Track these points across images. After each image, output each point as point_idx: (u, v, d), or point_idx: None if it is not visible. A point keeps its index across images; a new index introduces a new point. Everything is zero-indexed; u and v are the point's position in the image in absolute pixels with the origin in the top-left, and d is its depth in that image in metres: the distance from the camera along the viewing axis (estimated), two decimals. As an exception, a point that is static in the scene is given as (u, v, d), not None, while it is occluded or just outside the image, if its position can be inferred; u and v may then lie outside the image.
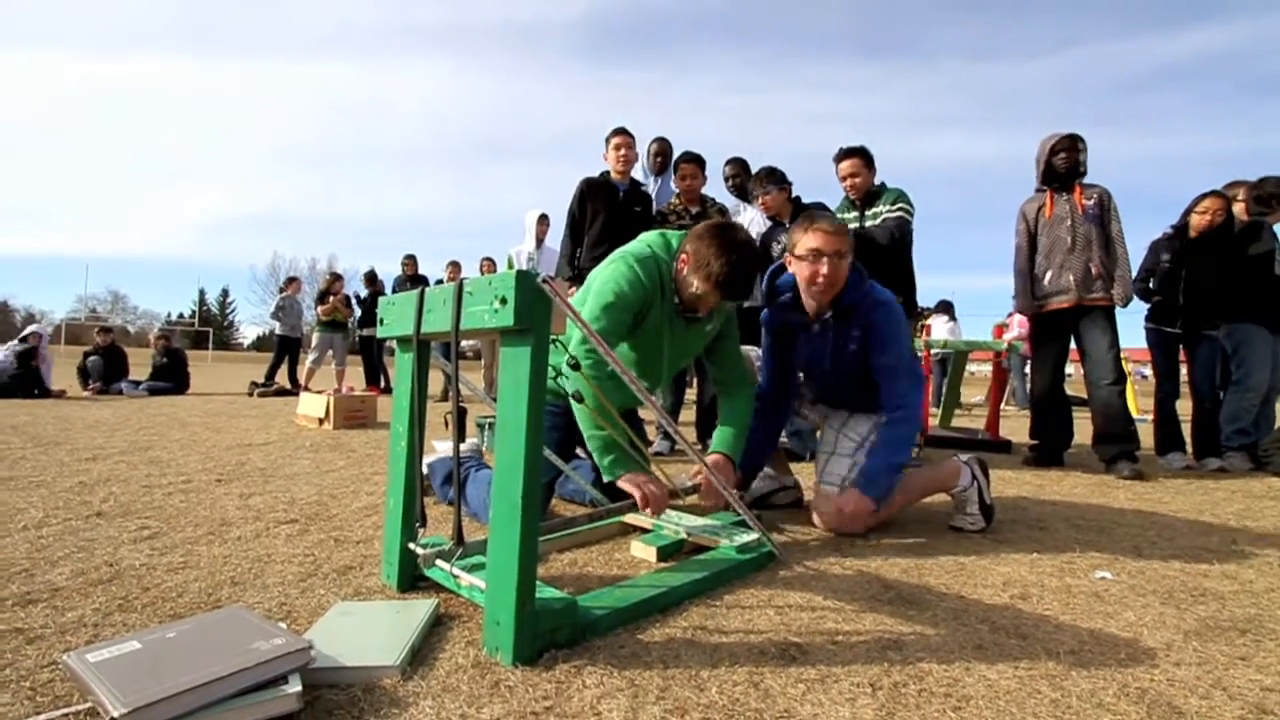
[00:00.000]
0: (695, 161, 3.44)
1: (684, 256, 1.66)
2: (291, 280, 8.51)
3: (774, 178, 3.29)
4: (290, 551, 1.52)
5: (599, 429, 1.57)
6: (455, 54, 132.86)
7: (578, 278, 3.35)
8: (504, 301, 0.99)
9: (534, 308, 0.99)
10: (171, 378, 7.18)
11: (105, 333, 7.32)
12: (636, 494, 1.54)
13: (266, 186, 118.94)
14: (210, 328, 41.48)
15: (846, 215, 3.17)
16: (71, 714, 0.81)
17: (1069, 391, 3.59)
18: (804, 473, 2.88)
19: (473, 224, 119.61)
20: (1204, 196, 3.57)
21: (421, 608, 1.14)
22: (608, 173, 3.54)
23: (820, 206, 3.28)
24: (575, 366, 1.39)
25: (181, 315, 60.47)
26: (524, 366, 1.00)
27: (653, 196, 3.71)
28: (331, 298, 7.40)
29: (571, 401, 1.52)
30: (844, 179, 3.17)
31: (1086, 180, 3.33)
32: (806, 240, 1.75)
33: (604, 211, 3.45)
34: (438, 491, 2.04)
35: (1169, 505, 2.43)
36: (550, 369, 1.68)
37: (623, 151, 3.48)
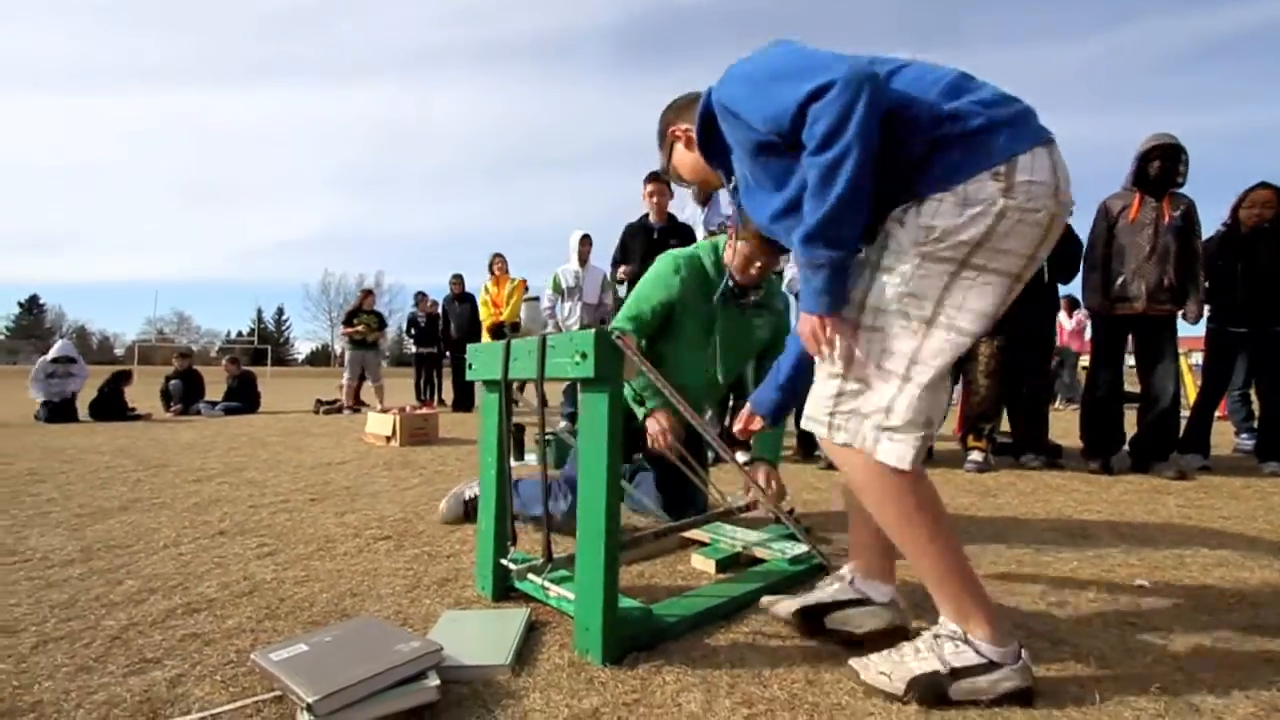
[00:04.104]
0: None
1: (730, 228, 1.76)
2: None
3: None
4: (393, 566, 1.74)
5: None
6: (490, 69, 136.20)
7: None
8: (584, 356, 1.17)
9: (609, 360, 1.17)
10: (243, 398, 7.71)
11: (184, 357, 7.88)
12: (662, 438, 1.74)
13: (316, 208, 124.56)
14: (268, 345, 43.53)
15: None
16: (261, 701, 1.02)
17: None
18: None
19: (515, 234, 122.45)
20: (1251, 190, 3.53)
21: (517, 615, 1.32)
22: (647, 215, 3.98)
23: None
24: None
25: (240, 333, 63.66)
26: (603, 411, 1.17)
27: (700, 223, 4.02)
28: (362, 315, 7.74)
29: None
30: None
31: (1180, 191, 3.34)
32: None
33: (640, 249, 3.94)
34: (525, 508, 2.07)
35: (1221, 512, 2.44)
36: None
37: (655, 199, 3.98)
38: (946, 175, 0.94)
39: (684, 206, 4.22)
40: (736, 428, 1.59)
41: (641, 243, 4.00)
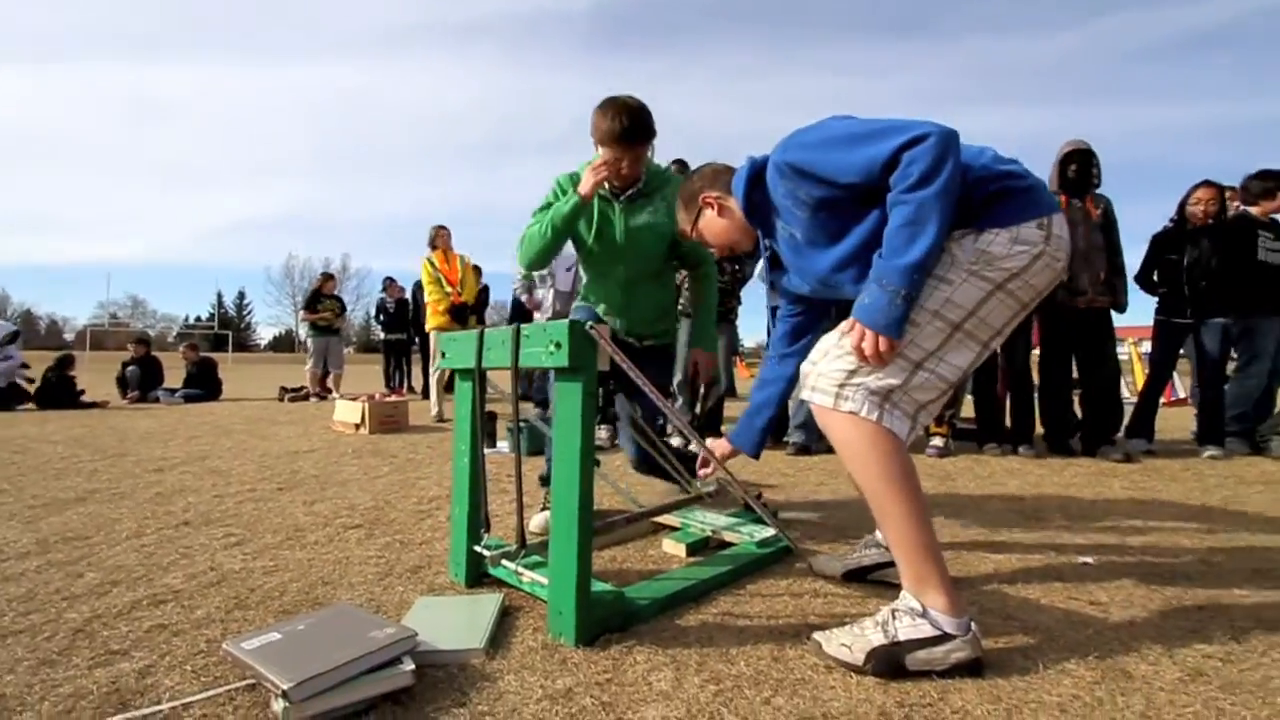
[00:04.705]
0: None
1: (593, 143, 1.86)
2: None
3: None
4: (364, 554, 1.74)
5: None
6: (464, 50, 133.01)
7: None
8: (559, 346, 1.18)
9: (583, 350, 1.19)
10: (203, 385, 7.50)
11: (141, 344, 7.62)
12: (590, 177, 1.79)
13: (280, 188, 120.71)
14: (229, 330, 42.25)
15: None
16: (234, 690, 1.03)
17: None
18: (816, 468, 3.07)
19: (487, 217, 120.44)
20: (1197, 187, 3.71)
21: (491, 601, 1.34)
22: None
23: None
24: None
25: (199, 318, 61.55)
26: (577, 399, 1.19)
27: None
28: (323, 299, 7.61)
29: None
30: None
31: (1097, 191, 3.56)
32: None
33: None
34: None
35: (1161, 493, 2.59)
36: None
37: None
38: (1005, 217, 1.14)
39: None
40: (704, 472, 1.75)
41: None
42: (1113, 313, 3.57)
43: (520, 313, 6.63)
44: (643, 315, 2.04)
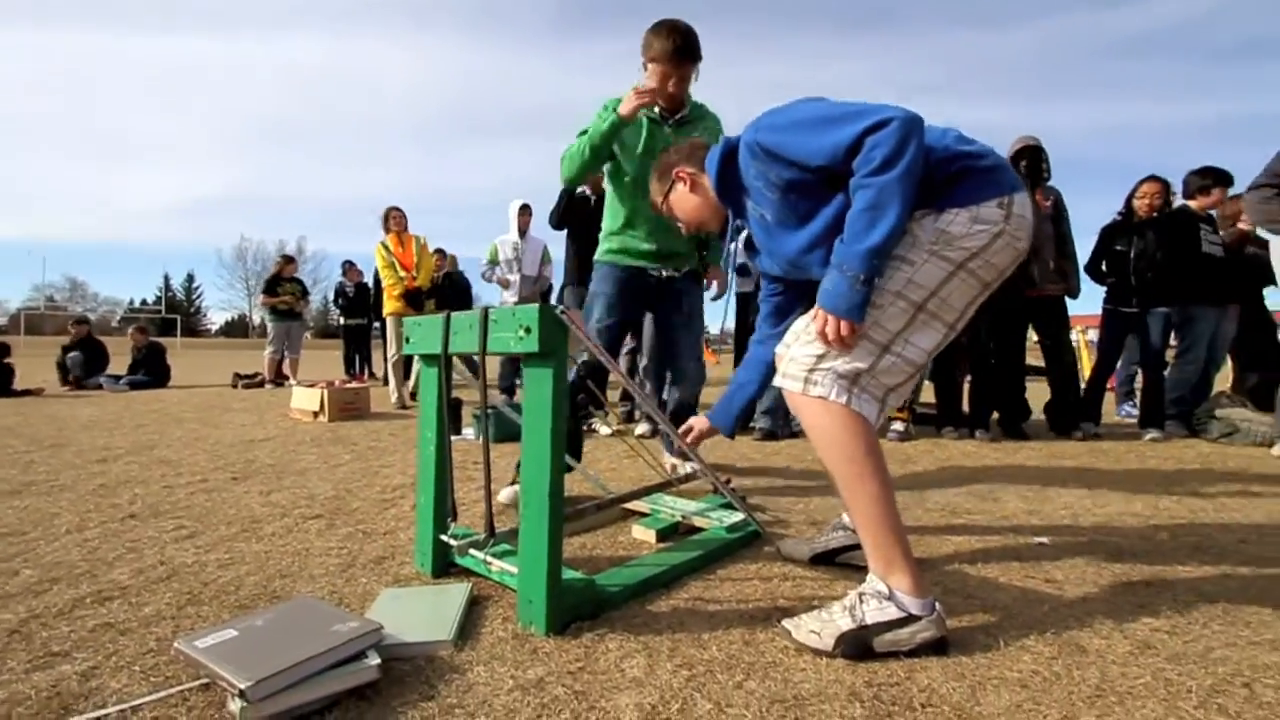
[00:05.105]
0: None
1: (643, 62, 1.94)
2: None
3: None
4: (325, 545, 1.68)
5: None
6: (425, 25, 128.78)
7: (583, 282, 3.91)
8: (528, 330, 1.15)
9: (554, 335, 1.16)
10: (151, 371, 7.17)
11: (81, 324, 7.22)
12: (632, 99, 1.84)
13: (231, 167, 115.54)
14: (177, 314, 40.48)
15: None
16: (187, 690, 0.98)
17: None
18: (784, 453, 3.11)
19: (447, 202, 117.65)
20: (1143, 182, 3.86)
21: (458, 590, 1.32)
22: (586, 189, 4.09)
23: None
24: None
25: (145, 301, 58.83)
26: (547, 385, 1.17)
27: None
28: (283, 283, 7.37)
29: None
30: None
31: (1047, 184, 3.67)
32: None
33: (577, 222, 4.03)
34: None
35: (1108, 474, 2.70)
36: None
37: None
38: (965, 197, 1.14)
39: None
40: (689, 438, 1.73)
41: (578, 214, 4.00)
42: (1066, 299, 3.70)
43: (455, 291, 6.49)
44: (679, 235, 2.15)
